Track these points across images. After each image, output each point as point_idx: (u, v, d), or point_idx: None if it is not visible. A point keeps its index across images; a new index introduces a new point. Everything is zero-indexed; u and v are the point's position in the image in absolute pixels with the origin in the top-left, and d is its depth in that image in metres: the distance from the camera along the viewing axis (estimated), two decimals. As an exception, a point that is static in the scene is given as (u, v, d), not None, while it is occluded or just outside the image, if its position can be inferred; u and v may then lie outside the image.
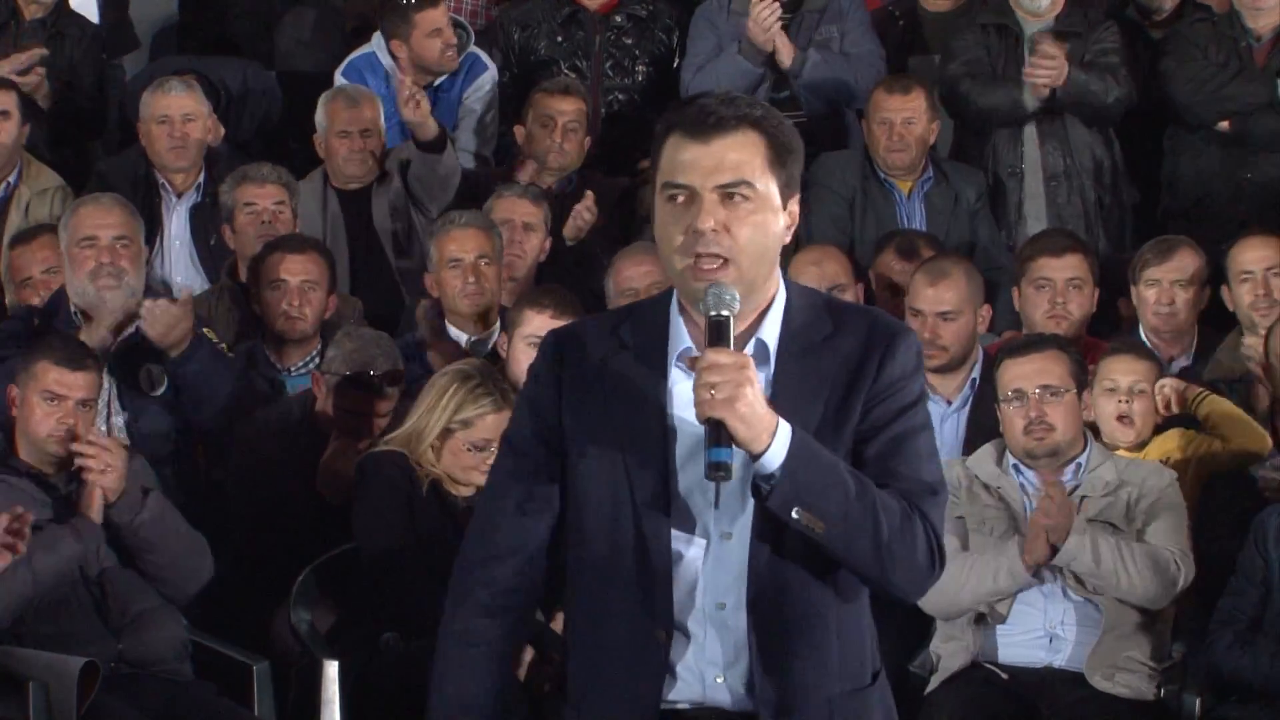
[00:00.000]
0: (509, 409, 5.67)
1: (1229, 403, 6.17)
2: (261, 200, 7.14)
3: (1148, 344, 6.67)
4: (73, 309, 6.44)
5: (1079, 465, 5.79)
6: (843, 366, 3.23)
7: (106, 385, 6.12)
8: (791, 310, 3.27)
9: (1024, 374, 5.78)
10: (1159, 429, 6.15)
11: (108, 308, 6.35)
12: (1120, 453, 5.99)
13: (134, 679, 5.57)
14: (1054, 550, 5.55)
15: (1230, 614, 5.74)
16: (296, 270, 6.73)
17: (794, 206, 3.27)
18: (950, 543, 5.73)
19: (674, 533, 3.23)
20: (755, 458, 3.10)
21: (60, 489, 5.72)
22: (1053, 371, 5.77)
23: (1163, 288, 6.79)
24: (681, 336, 3.26)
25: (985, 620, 5.71)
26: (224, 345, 6.52)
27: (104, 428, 6.06)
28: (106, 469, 5.57)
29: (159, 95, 7.54)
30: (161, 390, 6.34)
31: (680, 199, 3.20)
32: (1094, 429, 6.01)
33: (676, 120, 3.24)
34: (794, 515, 3.11)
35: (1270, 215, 7.38)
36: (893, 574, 3.20)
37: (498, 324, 6.70)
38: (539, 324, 6.21)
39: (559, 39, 8.20)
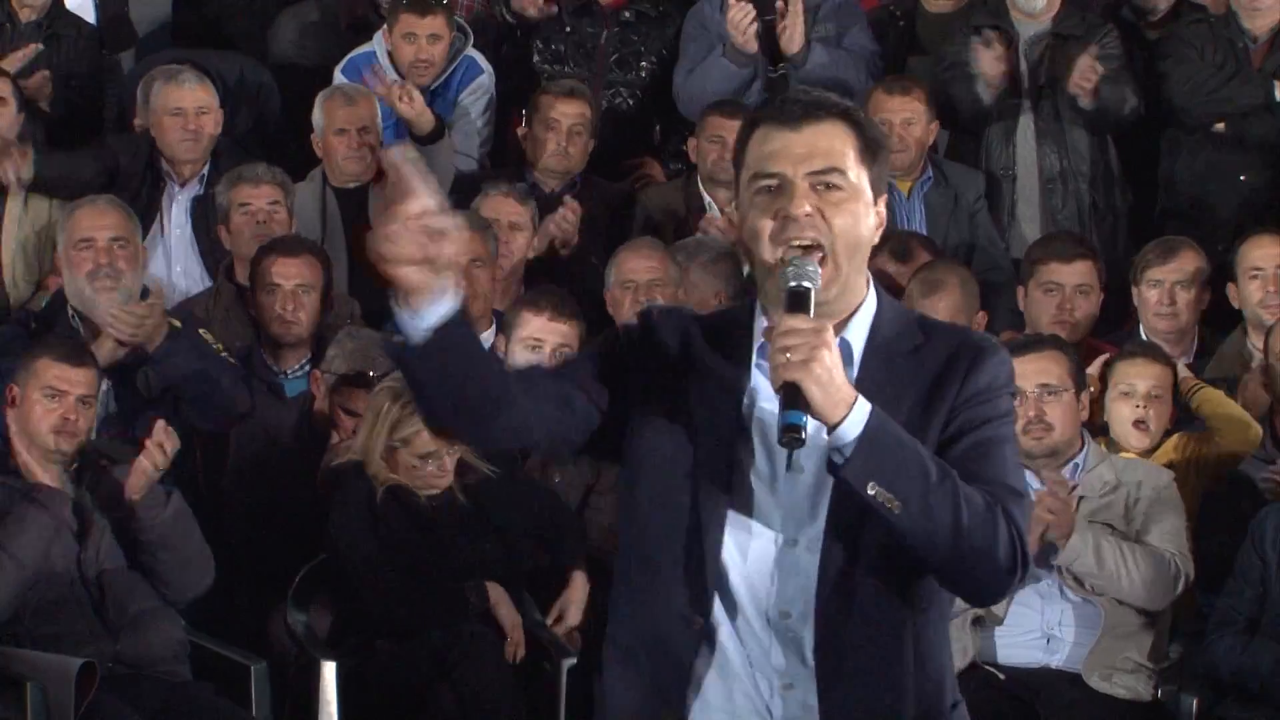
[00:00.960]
0: None
1: (1222, 395, 6.18)
2: (256, 200, 7.13)
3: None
4: (70, 312, 6.43)
5: (1076, 465, 5.79)
6: (928, 376, 3.11)
7: (104, 388, 6.14)
8: (881, 318, 3.16)
9: (1023, 373, 5.76)
10: (1166, 433, 6.17)
11: (104, 309, 6.34)
12: (1123, 454, 6.00)
13: (132, 679, 5.57)
14: (1051, 550, 5.56)
15: (1228, 614, 5.74)
16: (291, 274, 6.71)
17: (882, 207, 3.16)
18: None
19: (739, 530, 3.11)
20: (831, 429, 2.96)
21: (64, 491, 5.72)
22: (1051, 371, 5.77)
23: (1164, 288, 6.79)
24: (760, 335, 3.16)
25: (983, 621, 5.71)
26: (219, 346, 6.49)
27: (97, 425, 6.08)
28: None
29: (172, 87, 7.54)
30: (158, 393, 6.33)
31: (771, 187, 3.09)
32: (1092, 429, 6.01)
33: (763, 113, 3.16)
34: (870, 491, 2.96)
35: (1267, 216, 7.39)
36: (972, 568, 3.04)
37: (493, 327, 6.69)
38: (536, 326, 6.21)
39: (567, 28, 8.19)
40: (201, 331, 6.45)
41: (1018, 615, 5.70)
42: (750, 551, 3.11)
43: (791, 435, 2.94)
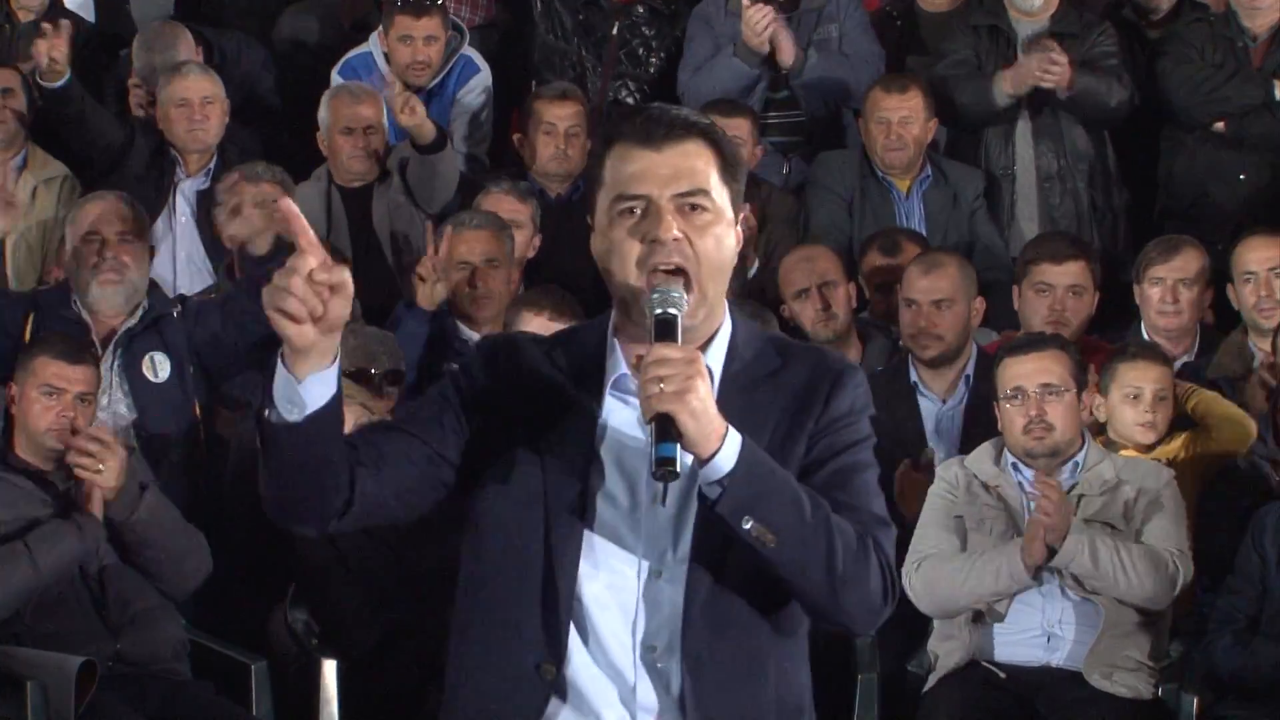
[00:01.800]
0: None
1: (1216, 395, 6.18)
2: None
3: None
4: (74, 299, 6.44)
5: (1076, 464, 5.79)
6: (789, 400, 3.04)
7: (108, 376, 6.15)
8: (737, 341, 3.08)
9: (1024, 372, 5.78)
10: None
11: (109, 303, 6.36)
12: (1124, 452, 6.00)
13: (132, 678, 5.57)
14: (1051, 551, 5.55)
15: (1228, 613, 5.74)
16: None
17: (740, 226, 3.08)
18: (950, 542, 5.74)
19: (598, 565, 3.00)
20: (703, 463, 2.88)
21: (59, 486, 5.72)
22: (1053, 370, 5.77)
23: (1166, 286, 6.79)
24: (618, 363, 3.06)
25: (983, 619, 5.71)
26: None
27: (105, 418, 6.10)
28: (103, 469, 5.56)
29: (176, 79, 7.55)
30: (166, 377, 6.34)
31: (636, 210, 3.00)
32: (1092, 429, 6.01)
33: (621, 130, 3.06)
34: (745, 525, 2.88)
35: (1266, 215, 7.38)
36: (845, 600, 2.96)
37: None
38: (537, 326, 6.19)
39: (579, 16, 8.19)
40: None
41: (1018, 613, 5.70)
42: (613, 586, 3.01)
43: (666, 469, 2.85)
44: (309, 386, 2.86)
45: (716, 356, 3.06)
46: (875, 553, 2.98)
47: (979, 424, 6.18)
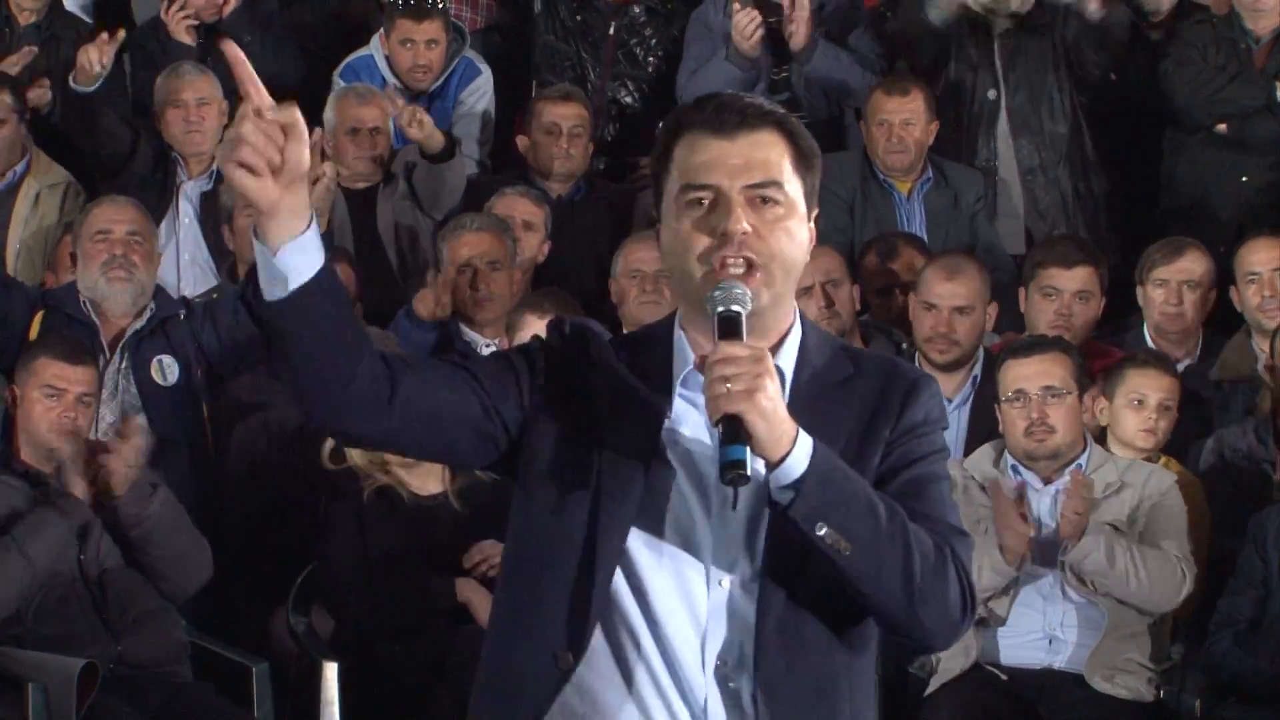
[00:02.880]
0: None
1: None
2: None
3: (1153, 346, 6.70)
4: (82, 300, 6.44)
5: (1079, 467, 5.79)
6: (862, 409, 2.92)
7: (115, 378, 6.18)
8: (808, 346, 2.96)
9: (1026, 374, 5.78)
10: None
11: (116, 302, 6.38)
12: (1125, 453, 6.00)
13: (133, 680, 5.57)
14: (1035, 552, 5.57)
15: (1230, 615, 5.74)
16: None
17: (812, 223, 2.99)
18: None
19: (662, 569, 2.87)
20: (773, 466, 2.75)
21: (57, 487, 5.72)
22: (1055, 373, 5.76)
23: (1170, 288, 6.79)
24: (686, 358, 2.92)
25: (985, 622, 5.71)
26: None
27: (111, 418, 6.13)
28: (129, 466, 5.58)
29: (172, 79, 7.55)
30: (174, 381, 6.34)
31: (705, 201, 2.87)
32: (1094, 432, 6.00)
33: (692, 117, 2.93)
34: (819, 531, 2.75)
35: (1268, 217, 7.38)
36: (923, 613, 2.83)
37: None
38: (539, 329, 6.19)
39: (577, 16, 8.19)
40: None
41: (1020, 616, 5.70)
42: (680, 592, 2.87)
43: (736, 472, 2.72)
44: (287, 256, 2.69)
45: (788, 359, 2.93)
46: (953, 563, 2.86)
47: (982, 425, 6.18)
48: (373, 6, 8.36)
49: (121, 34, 7.56)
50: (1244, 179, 7.65)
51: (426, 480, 5.81)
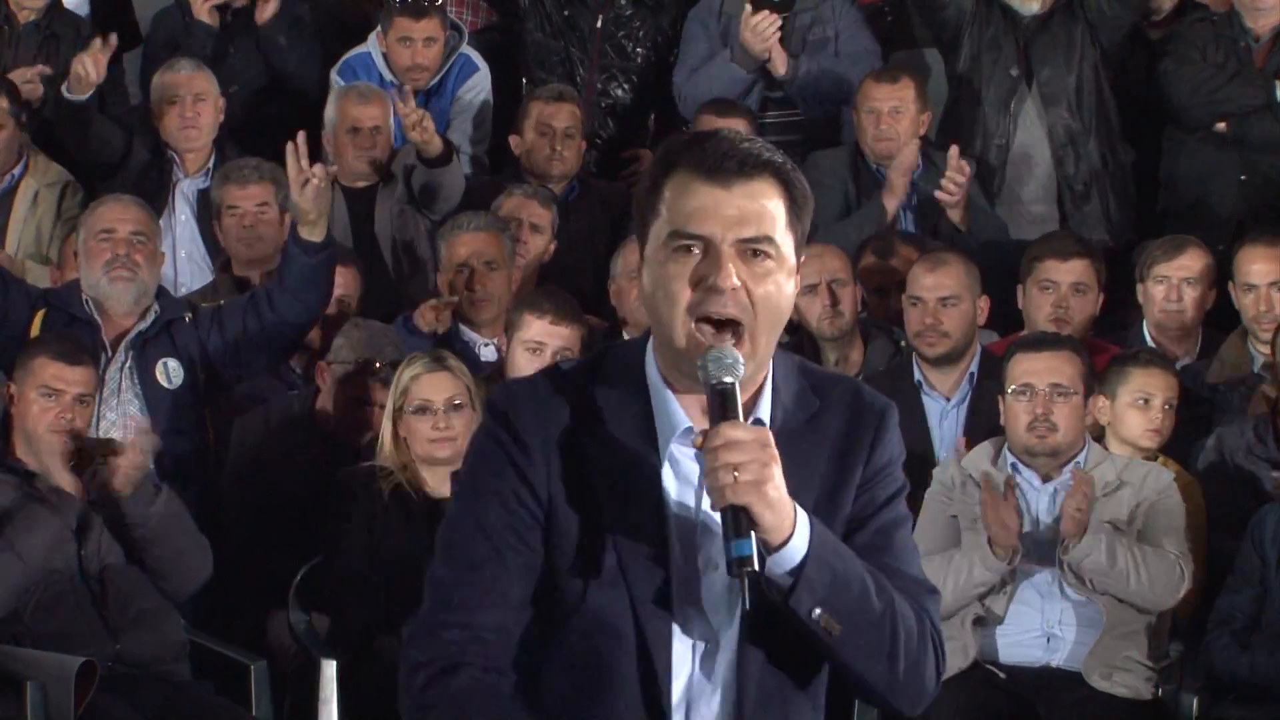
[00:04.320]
0: (443, 370, 5.71)
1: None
2: (244, 203, 7.11)
3: (1151, 343, 6.71)
4: (84, 299, 6.45)
5: (1078, 464, 5.79)
6: (832, 450, 2.86)
7: (118, 377, 6.19)
8: (779, 385, 2.88)
9: (1035, 370, 5.78)
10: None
11: (118, 301, 6.38)
12: (1127, 452, 6.00)
13: (132, 679, 5.57)
14: (1033, 550, 5.56)
15: (1228, 613, 5.74)
16: (338, 282, 6.70)
17: (799, 275, 2.88)
18: (941, 542, 5.75)
19: (676, 640, 2.83)
20: (774, 550, 2.70)
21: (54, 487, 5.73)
22: (1064, 371, 5.76)
23: (1171, 285, 6.79)
24: (675, 411, 2.83)
25: (984, 620, 5.71)
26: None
27: (114, 418, 6.15)
28: (136, 467, 5.60)
29: (168, 74, 7.55)
30: (179, 384, 6.35)
31: (695, 249, 2.77)
32: (1091, 431, 6.00)
33: (687, 157, 2.80)
34: (814, 614, 2.73)
35: (1267, 217, 7.38)
36: (901, 689, 2.84)
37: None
38: (538, 329, 6.19)
39: (565, 12, 8.18)
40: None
41: (1018, 614, 5.70)
42: (687, 661, 2.83)
43: (745, 570, 2.67)
44: None
45: (766, 408, 2.85)
46: (931, 635, 2.85)
47: (981, 423, 6.18)
48: (374, 3, 8.36)
49: (114, 40, 7.54)
50: (1243, 178, 7.65)
51: (443, 483, 5.81)
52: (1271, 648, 5.63)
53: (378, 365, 6.24)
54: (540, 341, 6.22)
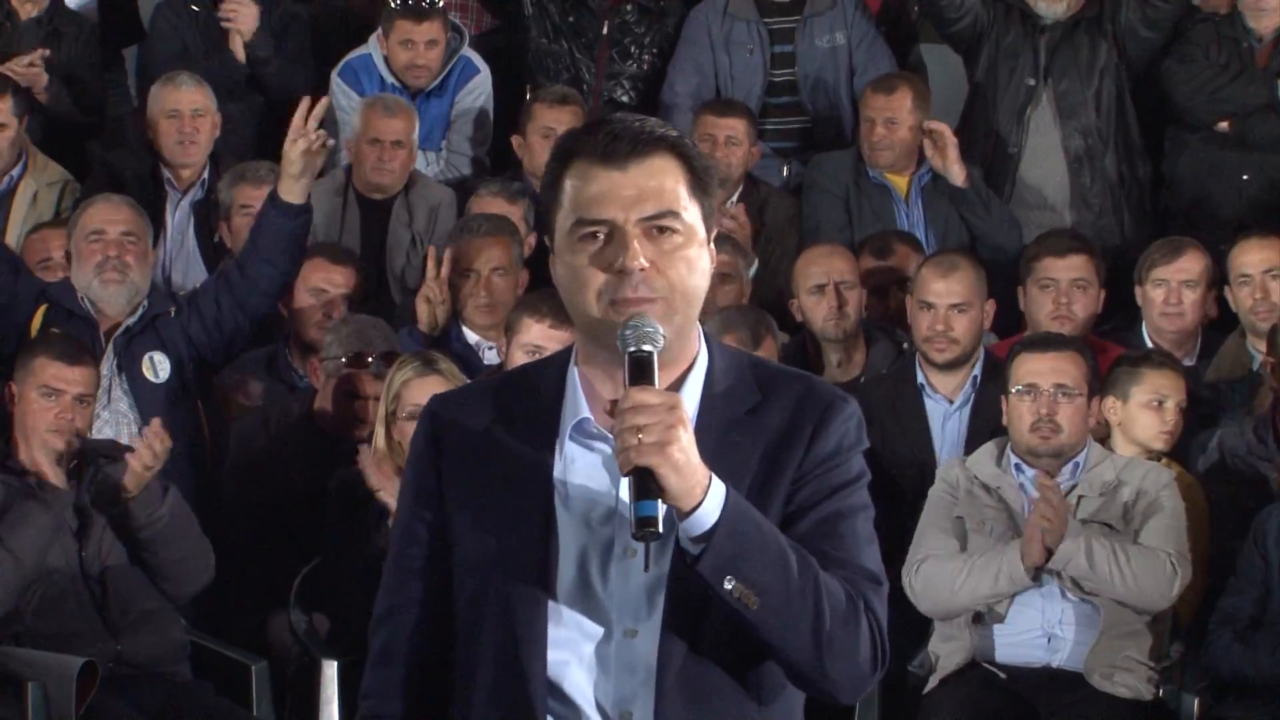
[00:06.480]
0: (433, 374, 5.71)
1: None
2: (258, 203, 7.10)
3: (1150, 345, 6.69)
4: (80, 296, 6.45)
5: (1077, 465, 5.79)
6: (769, 442, 2.82)
7: (107, 374, 6.18)
8: (714, 374, 2.85)
9: (1040, 370, 5.77)
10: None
11: (110, 303, 6.37)
12: (1134, 452, 5.99)
13: (132, 679, 5.58)
14: (1049, 553, 5.55)
15: (1230, 613, 5.74)
16: (339, 282, 6.70)
17: (713, 244, 2.85)
18: (949, 543, 5.74)
19: (567, 629, 2.81)
20: (684, 516, 2.67)
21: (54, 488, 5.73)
22: (1069, 372, 5.75)
23: (1170, 288, 6.78)
24: (579, 404, 2.84)
25: (983, 620, 5.71)
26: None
27: (107, 416, 6.14)
28: (146, 468, 5.60)
29: (168, 89, 7.53)
30: (166, 378, 6.34)
31: (600, 235, 2.77)
32: (1094, 431, 5.99)
33: (581, 145, 2.81)
34: (726, 585, 2.68)
35: (1269, 217, 7.38)
36: (830, 667, 2.75)
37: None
38: (537, 333, 6.17)
39: (570, 18, 8.18)
40: None
41: (1018, 614, 5.70)
42: (582, 651, 2.81)
43: (648, 529, 2.65)
44: None
45: (692, 393, 2.83)
46: (866, 616, 2.78)
47: (984, 425, 6.17)
48: (378, 4, 8.35)
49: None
50: (1245, 178, 7.65)
51: None
52: (1274, 646, 5.62)
53: (369, 359, 6.24)
54: (539, 345, 6.19)
